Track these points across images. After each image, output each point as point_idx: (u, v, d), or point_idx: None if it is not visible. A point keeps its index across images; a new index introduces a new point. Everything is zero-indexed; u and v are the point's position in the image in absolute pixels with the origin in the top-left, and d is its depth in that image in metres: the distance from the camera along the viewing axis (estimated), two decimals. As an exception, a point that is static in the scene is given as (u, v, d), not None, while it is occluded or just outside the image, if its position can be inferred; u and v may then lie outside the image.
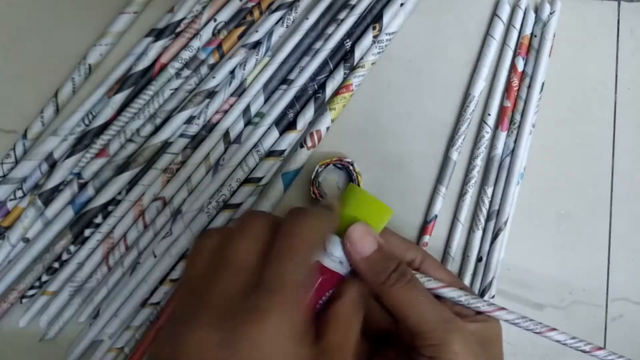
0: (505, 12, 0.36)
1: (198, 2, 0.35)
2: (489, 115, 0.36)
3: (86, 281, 0.34)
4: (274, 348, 0.18)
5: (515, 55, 0.37)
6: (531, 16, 0.37)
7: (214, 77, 0.35)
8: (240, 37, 0.36)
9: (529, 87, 0.36)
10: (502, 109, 0.37)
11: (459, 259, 0.37)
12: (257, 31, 0.35)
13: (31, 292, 0.33)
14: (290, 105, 0.35)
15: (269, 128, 0.35)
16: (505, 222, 0.36)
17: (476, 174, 0.36)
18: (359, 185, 0.35)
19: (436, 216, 0.36)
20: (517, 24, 0.37)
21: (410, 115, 0.37)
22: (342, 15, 0.35)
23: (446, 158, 0.36)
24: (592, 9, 0.38)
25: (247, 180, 0.34)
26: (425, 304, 0.24)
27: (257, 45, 0.35)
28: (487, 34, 0.37)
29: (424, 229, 0.36)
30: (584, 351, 0.27)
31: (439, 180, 0.36)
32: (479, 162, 0.36)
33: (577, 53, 0.38)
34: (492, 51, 0.36)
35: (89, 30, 0.35)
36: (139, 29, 0.35)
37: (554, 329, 0.27)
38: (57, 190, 0.34)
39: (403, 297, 0.24)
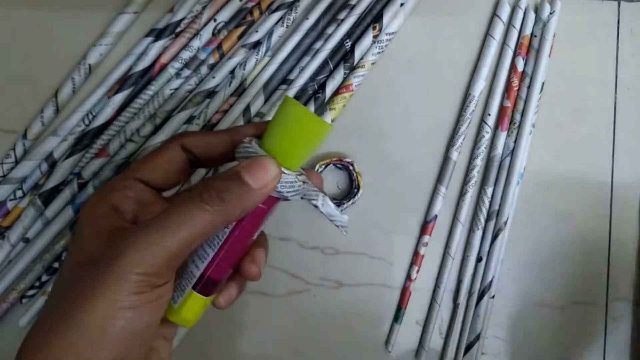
0: (505, 12, 0.36)
1: (198, 2, 0.35)
2: (489, 115, 0.36)
3: (86, 281, 0.33)
4: None
5: (515, 55, 0.37)
6: (531, 16, 0.37)
7: (214, 77, 0.35)
8: (240, 37, 0.36)
9: (529, 87, 0.36)
10: (502, 109, 0.37)
11: (459, 259, 0.37)
12: (257, 31, 0.35)
13: (31, 292, 0.33)
14: (290, 105, 0.35)
15: (269, 128, 0.34)
16: (505, 222, 0.36)
17: (476, 173, 0.36)
18: (358, 185, 0.35)
19: (436, 216, 0.36)
20: (517, 24, 0.37)
21: (410, 115, 0.37)
22: (342, 15, 0.35)
23: (446, 158, 0.36)
24: (592, 9, 0.38)
25: (247, 180, 0.34)
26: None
27: (257, 45, 0.35)
28: (487, 34, 0.37)
29: (424, 229, 0.36)
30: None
31: (439, 180, 0.36)
32: (479, 162, 0.36)
33: (577, 53, 0.38)
34: (492, 51, 0.36)
35: (89, 30, 0.35)
36: (139, 29, 0.35)
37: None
38: (57, 190, 0.34)
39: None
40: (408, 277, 0.36)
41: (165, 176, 0.24)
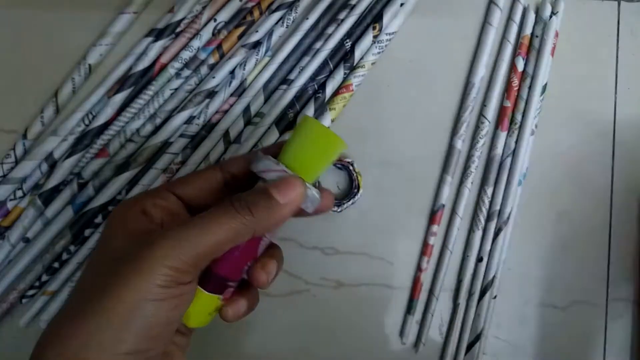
0: (499, 9, 0.36)
1: (198, 2, 0.35)
2: (485, 106, 0.36)
3: (86, 281, 0.34)
4: None
5: (515, 54, 0.37)
6: (531, 16, 0.36)
7: (214, 77, 0.35)
8: (240, 37, 0.36)
9: (530, 87, 0.36)
10: (502, 109, 0.37)
11: (457, 256, 0.37)
12: (257, 31, 0.35)
13: (31, 292, 0.33)
14: (290, 105, 0.35)
15: (269, 128, 0.35)
16: (506, 222, 0.36)
17: (473, 170, 0.36)
18: (358, 185, 0.35)
19: (443, 205, 0.36)
20: (516, 20, 0.37)
21: (410, 115, 0.37)
22: (342, 15, 0.35)
23: (446, 158, 0.36)
24: (592, 9, 0.38)
25: (247, 180, 0.34)
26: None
27: (257, 45, 0.35)
28: (485, 22, 0.37)
29: (432, 218, 0.36)
30: None
31: (444, 169, 0.36)
32: (477, 160, 0.36)
33: (578, 53, 0.38)
34: (491, 37, 0.36)
35: (89, 30, 0.35)
36: (139, 29, 0.35)
37: None
38: (57, 190, 0.34)
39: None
40: (418, 268, 0.36)
41: (198, 193, 0.25)
